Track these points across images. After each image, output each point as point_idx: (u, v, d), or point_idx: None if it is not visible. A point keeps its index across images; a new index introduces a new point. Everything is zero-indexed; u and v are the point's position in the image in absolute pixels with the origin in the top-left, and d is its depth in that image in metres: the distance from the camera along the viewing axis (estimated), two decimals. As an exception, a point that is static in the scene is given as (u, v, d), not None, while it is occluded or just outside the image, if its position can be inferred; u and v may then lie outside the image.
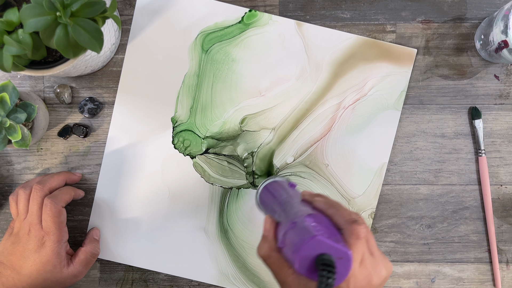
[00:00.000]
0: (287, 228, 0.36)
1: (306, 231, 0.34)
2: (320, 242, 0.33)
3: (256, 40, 0.56)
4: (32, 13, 0.41)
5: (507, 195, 0.57)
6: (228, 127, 0.57)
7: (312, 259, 0.33)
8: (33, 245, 0.50)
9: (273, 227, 0.40)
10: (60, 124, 0.57)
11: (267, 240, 0.39)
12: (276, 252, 0.38)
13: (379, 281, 0.36)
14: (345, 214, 0.37)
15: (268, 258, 0.38)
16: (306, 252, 0.33)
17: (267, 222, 0.40)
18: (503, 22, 0.48)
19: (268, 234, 0.39)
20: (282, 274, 0.37)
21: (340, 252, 0.33)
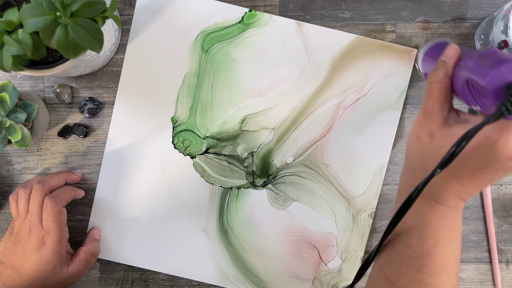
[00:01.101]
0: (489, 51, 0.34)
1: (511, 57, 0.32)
2: None
3: (256, 40, 0.56)
4: (32, 13, 0.41)
5: (507, 195, 0.57)
6: (228, 127, 0.57)
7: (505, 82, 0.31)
8: (34, 244, 0.50)
9: (457, 55, 0.37)
10: (60, 124, 0.57)
11: (445, 66, 0.37)
12: (449, 80, 0.36)
13: None
14: None
15: (439, 82, 0.36)
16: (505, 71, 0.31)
17: (452, 49, 0.37)
18: (503, 22, 0.48)
19: (449, 61, 0.37)
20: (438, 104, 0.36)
21: None
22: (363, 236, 0.57)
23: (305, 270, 0.57)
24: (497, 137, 0.32)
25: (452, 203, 0.37)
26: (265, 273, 0.57)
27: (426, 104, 0.37)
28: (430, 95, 0.37)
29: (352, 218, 0.57)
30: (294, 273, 0.57)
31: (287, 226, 0.57)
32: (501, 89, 0.31)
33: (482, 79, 0.32)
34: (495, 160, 0.33)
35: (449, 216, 0.37)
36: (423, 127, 0.36)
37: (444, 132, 0.35)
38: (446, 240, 0.37)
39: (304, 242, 0.57)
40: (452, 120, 0.35)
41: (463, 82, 0.35)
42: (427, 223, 0.37)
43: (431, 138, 0.35)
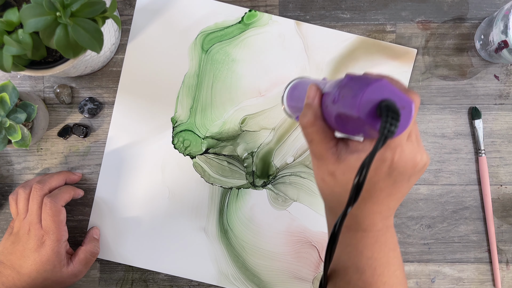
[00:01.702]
0: (344, 82, 0.33)
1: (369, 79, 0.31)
2: (386, 86, 0.30)
3: (256, 40, 0.56)
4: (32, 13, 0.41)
5: (507, 195, 0.57)
6: (228, 127, 0.57)
7: (374, 104, 0.30)
8: (33, 244, 0.50)
9: (319, 94, 0.36)
10: (60, 124, 0.57)
11: (312, 107, 0.36)
12: (321, 121, 0.35)
13: (421, 163, 0.34)
14: (399, 84, 0.34)
15: (312, 126, 0.35)
16: (370, 94, 0.30)
17: (312, 89, 0.37)
18: (503, 22, 0.48)
19: (313, 102, 0.36)
20: (322, 145, 0.35)
21: (404, 100, 0.30)
22: (363, 236, 0.57)
23: (305, 270, 0.57)
24: (391, 155, 0.33)
25: (380, 226, 0.37)
26: (265, 273, 0.57)
27: (312, 149, 0.36)
28: (311, 141, 0.36)
29: (352, 218, 0.57)
30: (294, 273, 0.57)
31: (287, 226, 0.57)
32: (374, 113, 0.31)
33: (351, 110, 0.31)
34: (401, 174, 0.34)
35: (381, 239, 0.37)
36: (321, 170, 0.36)
37: (342, 167, 0.34)
38: (383, 265, 0.37)
39: (304, 242, 0.57)
40: (344, 153, 0.35)
41: (335, 117, 0.34)
42: (361, 255, 0.37)
43: (333, 177, 0.35)
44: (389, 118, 0.29)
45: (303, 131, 0.36)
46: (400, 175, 0.33)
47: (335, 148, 0.35)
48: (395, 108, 0.30)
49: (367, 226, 0.36)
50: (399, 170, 0.33)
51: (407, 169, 0.33)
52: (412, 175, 0.34)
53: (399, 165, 0.33)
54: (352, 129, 0.33)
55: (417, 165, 0.34)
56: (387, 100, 0.30)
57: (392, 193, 0.35)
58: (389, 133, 0.29)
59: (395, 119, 0.29)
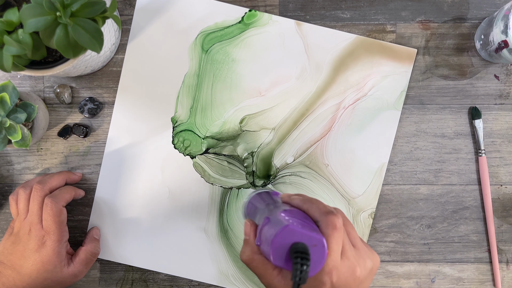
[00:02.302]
0: (262, 225, 0.36)
1: (279, 223, 0.34)
2: (293, 230, 0.33)
3: (256, 40, 0.56)
4: (32, 13, 0.41)
5: (507, 195, 0.57)
6: (228, 127, 0.57)
7: (286, 249, 0.33)
8: (34, 244, 0.50)
9: (253, 230, 0.39)
10: (60, 124, 0.57)
11: (248, 244, 0.39)
12: (259, 255, 0.37)
13: (364, 272, 0.36)
14: (320, 207, 0.36)
15: (252, 261, 0.38)
16: (279, 242, 0.33)
17: (247, 226, 0.40)
18: (503, 22, 0.48)
19: (249, 238, 0.39)
20: (267, 277, 0.37)
21: (314, 239, 0.33)
22: (363, 236, 0.57)
23: (305, 270, 0.57)
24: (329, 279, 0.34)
25: None
26: (265, 273, 0.57)
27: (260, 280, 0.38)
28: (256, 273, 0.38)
29: (352, 218, 0.57)
30: (294, 273, 0.57)
31: (287, 226, 0.57)
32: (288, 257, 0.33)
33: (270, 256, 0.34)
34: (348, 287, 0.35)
35: None
36: None
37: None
38: None
39: (304, 242, 0.57)
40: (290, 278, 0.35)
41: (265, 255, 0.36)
42: None
43: None
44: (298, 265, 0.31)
45: (247, 265, 0.38)
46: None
47: (280, 276, 0.36)
48: (305, 249, 0.31)
49: None
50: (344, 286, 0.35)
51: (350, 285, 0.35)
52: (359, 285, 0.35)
53: (340, 284, 0.34)
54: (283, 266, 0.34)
55: (359, 277, 0.35)
56: (297, 244, 0.32)
57: None
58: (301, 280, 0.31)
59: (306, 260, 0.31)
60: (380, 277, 0.58)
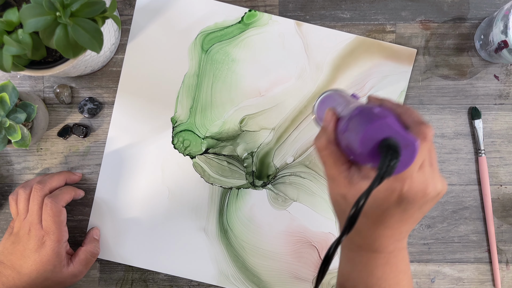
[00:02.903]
0: (353, 114, 0.34)
1: (374, 115, 0.32)
2: (389, 125, 0.31)
3: (256, 40, 0.56)
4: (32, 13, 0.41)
5: (507, 195, 0.57)
6: (228, 127, 0.57)
7: (376, 142, 0.31)
8: (33, 244, 0.50)
9: (334, 120, 0.37)
10: (60, 124, 0.57)
11: (326, 131, 0.37)
12: (334, 145, 0.36)
13: (434, 193, 0.34)
14: (414, 115, 0.34)
15: (325, 149, 0.36)
16: (372, 133, 0.31)
17: (328, 114, 0.38)
18: (503, 22, 0.48)
19: (328, 126, 0.37)
20: (335, 169, 0.36)
21: (407, 139, 0.31)
22: (363, 236, 0.57)
23: (305, 270, 0.57)
24: (400, 186, 0.33)
25: (391, 248, 0.37)
26: (265, 273, 0.57)
27: (325, 171, 0.37)
28: (324, 163, 0.37)
29: (352, 218, 0.57)
30: (294, 273, 0.57)
31: (287, 226, 0.57)
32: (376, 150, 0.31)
33: (356, 146, 0.32)
34: (411, 203, 0.34)
35: (391, 261, 0.38)
36: (334, 191, 0.37)
37: (353, 191, 0.35)
38: (392, 286, 0.38)
39: (304, 242, 0.57)
40: (356, 177, 0.35)
41: (344, 147, 0.35)
42: (371, 274, 0.38)
43: (345, 199, 0.36)
44: (387, 158, 0.30)
45: (317, 153, 0.37)
46: (409, 204, 0.34)
47: (348, 172, 0.35)
48: (395, 148, 0.30)
49: (379, 248, 0.37)
50: (408, 200, 0.33)
51: (417, 199, 0.34)
52: (423, 204, 0.34)
53: (408, 195, 0.33)
54: (360, 160, 0.33)
55: (428, 195, 0.34)
56: (388, 139, 0.31)
57: (403, 219, 0.35)
58: (386, 173, 0.29)
59: (394, 159, 0.29)
60: (380, 277, 0.58)
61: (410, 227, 0.36)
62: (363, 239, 0.37)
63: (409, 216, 0.35)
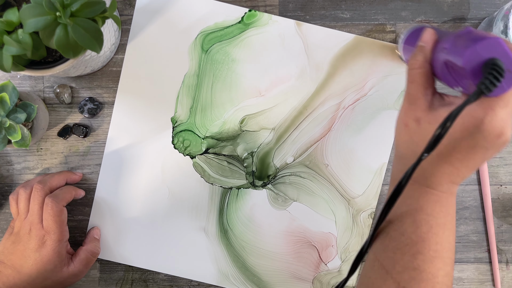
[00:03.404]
0: (461, 32, 0.34)
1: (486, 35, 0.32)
2: (501, 46, 0.31)
3: (256, 40, 0.56)
4: (32, 13, 0.41)
5: (507, 195, 0.57)
6: (228, 127, 0.57)
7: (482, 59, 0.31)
8: (34, 244, 0.50)
9: (434, 39, 0.37)
10: (60, 124, 0.57)
11: (424, 51, 0.37)
12: (428, 65, 0.36)
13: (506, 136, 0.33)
14: None
15: (419, 67, 0.36)
16: (482, 48, 0.31)
17: (428, 34, 0.37)
18: (503, 22, 0.48)
19: (427, 45, 0.37)
20: (421, 89, 0.35)
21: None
22: (363, 236, 0.57)
23: (305, 270, 0.57)
24: (483, 115, 0.32)
25: (445, 188, 0.37)
26: (265, 273, 0.57)
27: (409, 90, 0.36)
28: (412, 82, 0.36)
29: (352, 218, 0.57)
30: (294, 273, 0.57)
31: (287, 226, 0.57)
32: (479, 68, 0.31)
33: (459, 60, 0.32)
34: (484, 139, 0.33)
35: (443, 201, 0.37)
36: (408, 114, 0.36)
37: (430, 116, 0.34)
38: (440, 226, 0.37)
39: (304, 242, 0.57)
40: (437, 104, 0.35)
41: (442, 65, 0.34)
42: (421, 209, 0.37)
43: (418, 124, 0.35)
44: (491, 75, 0.29)
45: (408, 71, 0.36)
46: (482, 139, 0.33)
47: (430, 96, 0.35)
48: (500, 67, 0.30)
49: (433, 184, 0.36)
50: (483, 134, 0.33)
51: (491, 136, 0.33)
52: (492, 146, 0.34)
53: (486, 128, 0.32)
54: (455, 79, 0.33)
55: (502, 136, 0.33)
56: (495, 59, 0.30)
57: (467, 158, 0.34)
58: (485, 89, 0.29)
59: (496, 78, 0.29)
60: (380, 277, 0.58)
61: (468, 171, 0.36)
62: (420, 171, 0.36)
63: (473, 156, 0.34)
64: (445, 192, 0.37)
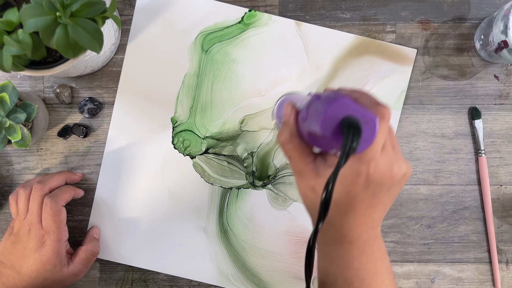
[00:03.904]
0: (311, 100, 0.35)
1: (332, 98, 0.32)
2: (348, 104, 0.31)
3: (256, 40, 0.56)
4: (32, 13, 0.41)
5: (507, 195, 0.57)
6: (228, 127, 0.57)
7: (337, 122, 0.31)
8: (33, 244, 0.50)
9: (294, 113, 0.38)
10: (60, 124, 0.57)
11: (288, 125, 0.37)
12: (297, 138, 0.36)
13: (400, 174, 0.34)
14: (371, 97, 0.35)
15: (288, 143, 0.36)
16: (332, 113, 0.31)
17: (288, 108, 0.38)
18: (503, 22, 0.48)
19: (289, 119, 0.37)
20: (301, 162, 0.36)
21: (367, 116, 0.31)
22: (363, 236, 0.57)
23: (305, 270, 0.57)
24: (366, 168, 0.33)
25: (365, 237, 0.37)
26: (265, 273, 0.57)
27: (292, 165, 0.37)
28: (289, 157, 0.37)
29: (352, 218, 0.57)
30: (294, 273, 0.57)
31: (287, 226, 0.57)
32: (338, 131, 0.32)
33: (317, 128, 0.32)
34: (379, 186, 0.34)
35: (367, 250, 0.37)
36: (303, 185, 0.36)
37: (321, 182, 0.35)
38: (371, 276, 0.37)
39: (304, 242, 0.57)
40: (323, 167, 0.35)
41: (307, 135, 0.35)
42: (348, 266, 0.38)
43: (314, 192, 0.35)
44: (350, 135, 0.30)
45: (282, 149, 0.37)
46: (378, 187, 0.34)
47: (314, 164, 0.36)
48: (356, 124, 0.30)
49: (353, 238, 0.37)
50: (376, 183, 0.33)
51: (385, 180, 0.34)
52: (391, 186, 0.34)
53: (375, 177, 0.33)
54: (324, 145, 0.34)
55: (395, 176, 0.34)
56: (349, 117, 0.31)
57: (373, 205, 0.35)
58: (350, 150, 0.29)
59: (356, 135, 0.30)
60: (380, 277, 0.58)
61: (381, 213, 0.36)
62: (336, 231, 0.37)
63: (379, 201, 0.35)
64: (367, 240, 0.37)
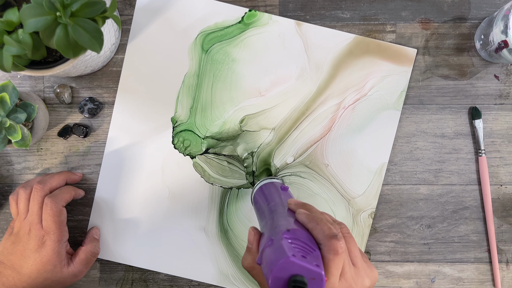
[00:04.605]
0: (265, 245, 0.37)
1: (281, 251, 0.34)
2: (293, 263, 0.33)
3: (256, 40, 0.56)
4: (32, 13, 0.41)
5: (507, 195, 0.57)
6: (228, 127, 0.57)
7: (285, 280, 0.33)
8: (34, 244, 0.50)
9: (257, 239, 0.40)
10: (60, 124, 0.57)
11: (251, 252, 0.40)
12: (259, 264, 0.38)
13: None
14: (325, 229, 0.37)
15: (252, 269, 0.39)
16: (278, 273, 0.33)
17: (251, 234, 0.41)
18: (503, 22, 0.48)
19: (252, 246, 0.40)
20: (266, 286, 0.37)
21: (313, 272, 0.33)
22: (363, 236, 0.57)
23: (305, 270, 0.57)
24: None
25: None
26: (265, 273, 0.57)
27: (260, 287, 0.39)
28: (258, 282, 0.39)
29: (352, 218, 0.57)
30: (294, 273, 0.57)
31: (287, 226, 0.57)
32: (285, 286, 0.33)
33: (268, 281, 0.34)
34: None
35: None
36: None
37: None
38: None
39: (304, 242, 0.57)
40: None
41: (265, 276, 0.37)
42: None
43: None
44: None
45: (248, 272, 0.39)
46: None
47: None
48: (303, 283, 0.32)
49: None
50: None
51: None
52: None
53: None
54: None
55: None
56: (294, 276, 0.33)
57: None
58: None
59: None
60: (380, 277, 0.58)
61: None
62: None
63: None
64: None
